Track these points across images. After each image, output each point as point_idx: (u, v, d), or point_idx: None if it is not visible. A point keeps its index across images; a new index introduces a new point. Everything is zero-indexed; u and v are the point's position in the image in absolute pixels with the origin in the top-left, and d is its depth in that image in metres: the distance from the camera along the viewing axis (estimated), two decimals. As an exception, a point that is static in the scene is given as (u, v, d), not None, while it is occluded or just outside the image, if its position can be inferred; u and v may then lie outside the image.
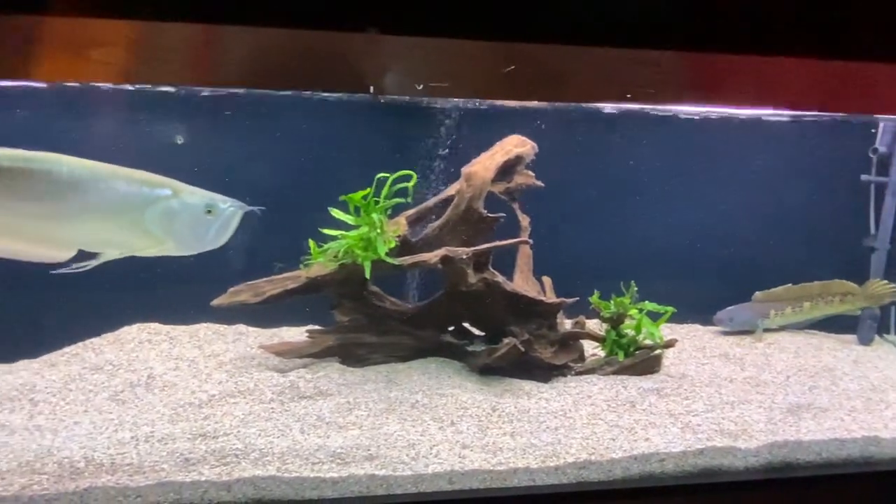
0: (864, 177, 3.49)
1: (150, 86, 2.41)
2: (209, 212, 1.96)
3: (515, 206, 3.06)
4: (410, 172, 2.74)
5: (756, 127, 3.35)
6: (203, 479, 1.95)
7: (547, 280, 3.09)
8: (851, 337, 3.65)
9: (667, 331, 3.52)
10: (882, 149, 3.45)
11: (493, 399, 2.59)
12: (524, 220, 3.06)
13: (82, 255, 2.11)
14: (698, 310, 3.68)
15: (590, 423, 2.44)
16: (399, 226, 2.82)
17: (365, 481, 2.02)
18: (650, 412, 2.57)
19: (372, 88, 1.76)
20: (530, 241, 2.99)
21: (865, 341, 3.58)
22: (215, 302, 2.77)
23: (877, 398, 2.83)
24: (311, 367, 2.79)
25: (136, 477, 1.94)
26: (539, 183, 3.05)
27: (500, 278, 2.82)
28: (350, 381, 2.68)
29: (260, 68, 1.81)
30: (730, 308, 3.60)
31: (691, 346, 3.37)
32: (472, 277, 2.75)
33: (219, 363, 2.79)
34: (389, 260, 2.69)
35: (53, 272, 2.08)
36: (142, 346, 2.97)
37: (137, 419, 2.32)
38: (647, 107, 2.61)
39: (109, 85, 2.50)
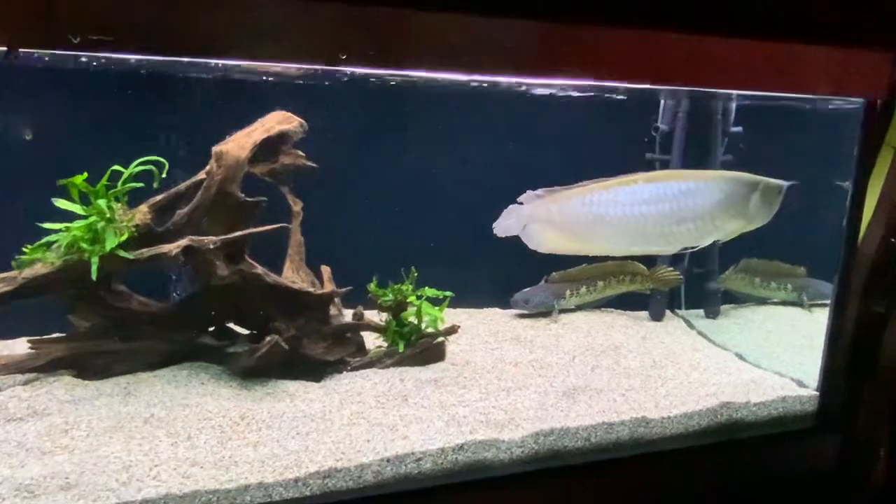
0: (648, 155, 3.51)
1: None
2: (780, 192, 2.45)
3: (285, 189, 2.78)
4: (159, 159, 2.40)
5: (540, 105, 3.26)
6: None
7: (326, 269, 2.83)
8: (644, 313, 3.68)
9: (464, 316, 3.41)
10: (664, 127, 3.48)
11: (247, 405, 2.31)
12: (296, 205, 2.79)
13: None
14: (498, 293, 3.59)
15: (349, 424, 2.23)
16: (139, 214, 2.46)
17: (51, 519, 1.69)
18: (421, 406, 2.39)
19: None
20: (290, 226, 2.73)
21: (657, 317, 3.64)
22: None
23: (655, 374, 2.82)
24: (34, 384, 2.37)
25: None
26: (310, 163, 2.78)
27: (259, 269, 2.53)
28: (79, 396, 2.30)
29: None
30: (526, 290, 3.52)
31: (485, 331, 3.24)
32: (224, 269, 2.44)
33: None
34: (121, 253, 2.33)
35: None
36: None
37: None
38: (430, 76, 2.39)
39: None
